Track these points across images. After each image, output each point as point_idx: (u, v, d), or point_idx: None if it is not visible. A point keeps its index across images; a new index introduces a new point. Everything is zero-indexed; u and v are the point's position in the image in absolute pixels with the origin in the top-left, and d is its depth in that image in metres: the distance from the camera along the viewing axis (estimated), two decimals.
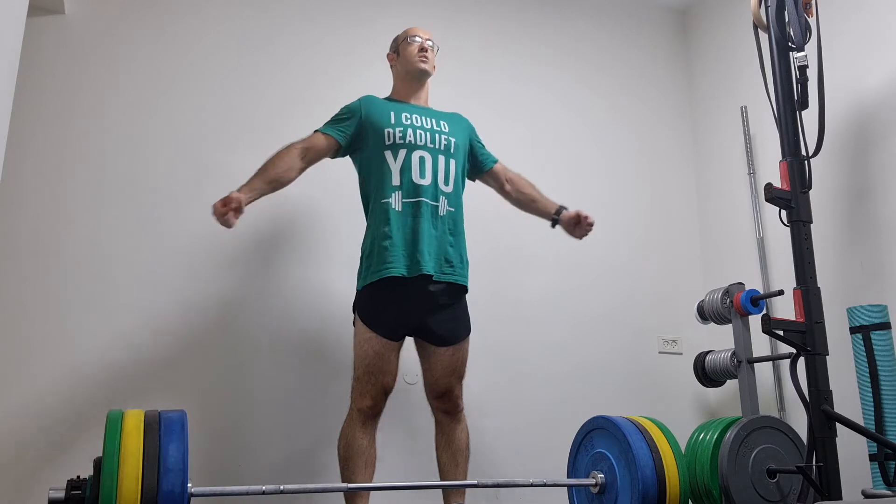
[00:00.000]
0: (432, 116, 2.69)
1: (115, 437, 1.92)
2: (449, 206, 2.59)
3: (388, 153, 2.57)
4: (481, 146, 2.86)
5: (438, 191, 2.57)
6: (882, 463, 2.54)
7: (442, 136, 2.64)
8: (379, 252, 2.47)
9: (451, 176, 2.62)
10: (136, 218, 2.89)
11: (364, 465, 2.42)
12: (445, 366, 2.54)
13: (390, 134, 2.57)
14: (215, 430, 2.78)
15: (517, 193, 2.88)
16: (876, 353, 2.65)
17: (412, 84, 2.72)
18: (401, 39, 2.76)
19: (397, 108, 2.65)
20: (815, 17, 2.72)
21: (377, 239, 2.50)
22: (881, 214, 2.94)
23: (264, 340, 2.94)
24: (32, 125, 2.81)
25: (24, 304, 2.69)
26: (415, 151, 2.57)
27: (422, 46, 2.70)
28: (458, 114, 2.83)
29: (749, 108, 3.55)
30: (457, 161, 2.66)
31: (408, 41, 2.72)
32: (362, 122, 2.61)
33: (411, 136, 2.58)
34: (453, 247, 2.56)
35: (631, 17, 4.01)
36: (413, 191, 2.53)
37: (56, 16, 2.94)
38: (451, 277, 2.53)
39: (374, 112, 2.62)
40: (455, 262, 2.55)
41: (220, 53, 3.17)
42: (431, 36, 2.76)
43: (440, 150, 2.61)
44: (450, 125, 2.70)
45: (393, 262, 2.45)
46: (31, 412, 2.61)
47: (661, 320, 3.61)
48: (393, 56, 2.79)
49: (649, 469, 2.39)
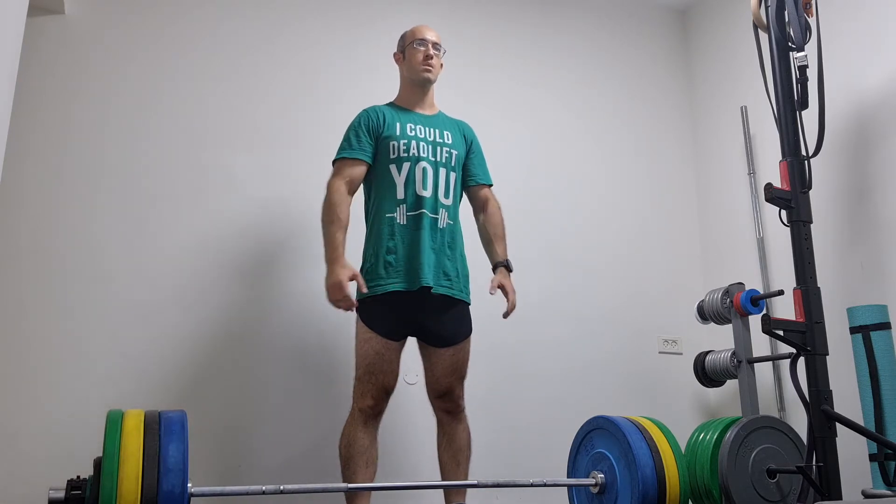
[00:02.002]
0: (437, 127, 2.67)
1: (115, 437, 1.92)
2: (448, 218, 2.59)
3: (392, 167, 2.57)
4: (479, 160, 2.78)
5: (439, 203, 2.57)
6: (882, 463, 2.54)
7: (444, 148, 2.63)
8: (385, 266, 2.49)
9: (451, 188, 2.62)
10: (136, 218, 2.89)
11: (365, 464, 2.42)
12: (446, 366, 2.54)
13: (395, 147, 2.57)
14: (215, 430, 2.78)
15: (483, 226, 2.75)
16: (876, 353, 2.65)
17: (416, 90, 2.71)
18: (407, 41, 2.72)
19: (403, 119, 2.63)
20: (815, 17, 2.72)
21: (382, 252, 2.50)
22: (881, 214, 2.94)
23: (265, 340, 2.94)
24: (32, 125, 2.81)
25: (24, 304, 2.69)
26: (418, 163, 2.57)
27: (427, 54, 2.66)
28: (463, 122, 2.80)
29: (749, 108, 3.55)
30: (457, 174, 2.67)
31: (414, 46, 2.68)
32: (374, 135, 2.60)
33: (415, 149, 2.57)
34: (451, 260, 2.56)
35: (631, 17, 4.01)
36: (415, 203, 2.53)
37: (56, 16, 2.94)
38: (448, 291, 2.53)
39: (381, 123, 2.61)
40: (452, 276, 2.55)
41: (220, 53, 3.17)
42: (439, 38, 2.73)
43: (441, 162, 2.61)
44: (453, 136, 2.69)
45: (395, 277, 2.48)
46: (31, 412, 2.61)
47: (661, 320, 3.62)
48: (399, 56, 2.75)
49: (649, 469, 2.39)
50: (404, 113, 2.67)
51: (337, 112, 2.85)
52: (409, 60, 2.69)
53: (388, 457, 2.74)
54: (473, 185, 2.75)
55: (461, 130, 2.76)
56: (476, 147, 2.79)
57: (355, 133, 2.61)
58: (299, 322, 2.99)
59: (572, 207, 3.62)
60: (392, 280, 2.48)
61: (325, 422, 2.77)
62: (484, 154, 2.83)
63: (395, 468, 2.89)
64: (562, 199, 3.61)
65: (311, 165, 3.09)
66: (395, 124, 2.61)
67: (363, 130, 2.60)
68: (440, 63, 2.73)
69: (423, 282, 2.46)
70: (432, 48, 2.68)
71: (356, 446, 2.42)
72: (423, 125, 2.65)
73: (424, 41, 2.68)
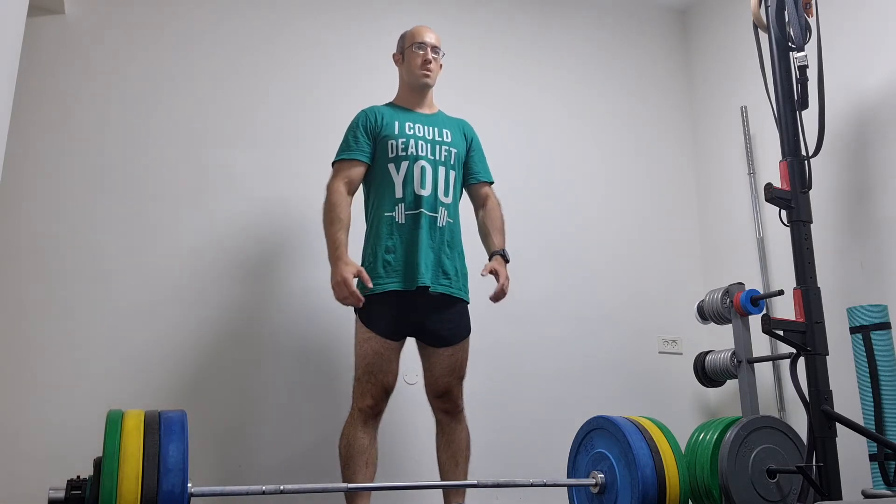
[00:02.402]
0: (436, 125, 2.67)
1: (115, 437, 1.92)
2: (448, 217, 2.59)
3: (391, 165, 2.57)
4: (479, 158, 2.79)
5: (438, 202, 2.57)
6: (882, 463, 2.54)
7: (443, 146, 2.64)
8: (384, 265, 2.49)
9: (450, 187, 2.62)
10: (136, 217, 2.89)
11: (365, 464, 2.42)
12: (445, 366, 2.54)
13: (393, 146, 2.58)
14: (215, 430, 2.78)
15: (482, 221, 2.75)
16: (876, 353, 2.64)
17: (415, 93, 2.71)
18: (407, 43, 2.71)
19: (401, 118, 2.64)
20: (815, 17, 2.72)
21: (381, 251, 2.51)
22: (881, 214, 2.94)
23: (265, 340, 2.94)
24: (32, 125, 2.81)
25: (24, 304, 2.69)
26: (417, 162, 2.57)
27: (426, 59, 2.65)
28: (463, 121, 2.80)
29: (749, 108, 3.55)
30: (456, 172, 2.67)
31: (413, 49, 2.67)
32: (372, 135, 2.60)
33: (413, 148, 2.58)
34: (450, 259, 2.56)
35: (631, 17, 4.01)
36: (414, 202, 2.54)
37: (56, 16, 2.94)
38: (447, 290, 2.54)
39: (379, 123, 2.61)
40: (451, 275, 2.55)
41: (221, 53, 3.17)
42: (438, 40, 2.71)
43: (441, 160, 2.61)
44: (452, 134, 2.69)
45: (394, 277, 2.48)
46: (31, 412, 2.61)
47: (661, 320, 3.62)
48: (398, 57, 2.75)
49: (649, 469, 2.39)
50: (403, 112, 2.67)
51: (337, 112, 2.85)
52: (408, 63, 2.69)
53: (388, 457, 2.74)
54: (474, 182, 2.76)
55: (461, 129, 2.76)
56: (476, 145, 2.79)
57: (353, 134, 2.61)
58: (299, 322, 2.99)
59: (572, 207, 3.62)
60: (391, 280, 2.48)
61: (326, 422, 2.77)
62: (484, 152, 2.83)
63: (395, 468, 2.89)
64: (561, 199, 3.61)
65: (312, 165, 3.09)
66: (394, 123, 2.61)
67: (361, 131, 2.61)
68: (439, 66, 2.73)
69: (421, 281, 2.46)
70: (431, 52, 2.67)
71: (356, 446, 2.42)
72: (423, 124, 2.65)
73: (423, 45, 2.66)
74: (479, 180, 2.76)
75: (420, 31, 2.71)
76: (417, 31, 2.71)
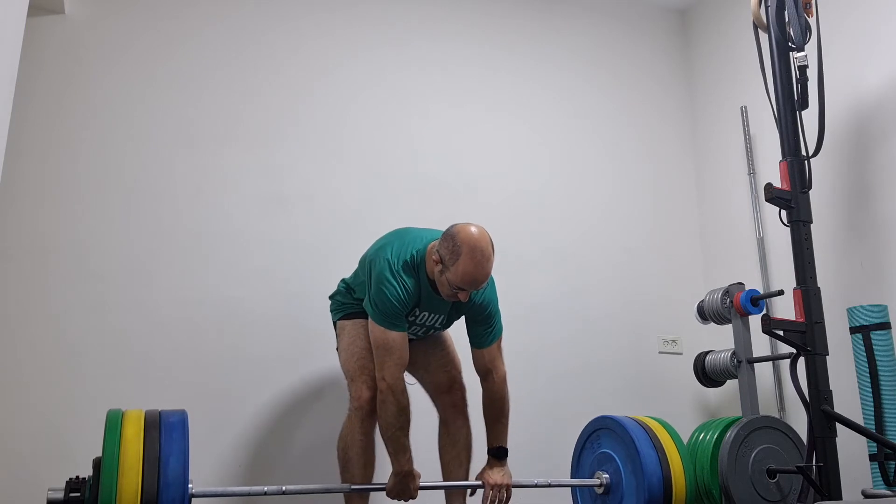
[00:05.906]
0: (444, 313, 2.50)
1: (115, 437, 1.92)
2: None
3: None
4: (485, 325, 2.48)
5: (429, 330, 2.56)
6: (882, 463, 2.54)
7: (434, 329, 2.55)
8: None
9: (442, 326, 2.56)
10: (135, 217, 2.89)
11: (364, 465, 2.42)
12: (438, 358, 2.58)
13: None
14: (216, 430, 2.78)
15: (485, 405, 2.51)
16: (876, 353, 2.64)
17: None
18: (454, 258, 2.27)
19: (420, 305, 2.43)
20: (814, 17, 2.72)
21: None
22: (881, 214, 2.94)
23: (265, 340, 2.94)
24: (32, 125, 2.80)
25: (23, 304, 2.69)
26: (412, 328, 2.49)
27: (458, 296, 2.33)
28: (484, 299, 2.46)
29: (749, 108, 3.55)
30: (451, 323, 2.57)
31: (458, 275, 2.26)
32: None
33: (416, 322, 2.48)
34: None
35: (631, 18, 4.00)
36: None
37: (56, 16, 2.94)
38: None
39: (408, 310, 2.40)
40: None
41: (220, 53, 3.16)
42: (486, 280, 2.34)
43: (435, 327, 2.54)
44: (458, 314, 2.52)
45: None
46: (31, 412, 2.61)
47: (661, 320, 3.61)
48: (437, 259, 2.32)
49: (656, 478, 2.39)
50: (427, 298, 2.42)
51: (337, 112, 2.85)
52: (442, 283, 2.33)
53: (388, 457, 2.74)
54: (474, 348, 2.51)
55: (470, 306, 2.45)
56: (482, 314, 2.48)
57: (400, 308, 2.34)
58: (300, 322, 2.99)
59: (572, 208, 3.61)
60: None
61: (326, 422, 2.77)
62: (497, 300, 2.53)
63: None
64: (562, 200, 3.61)
65: (312, 165, 3.09)
66: (415, 310, 2.45)
67: (404, 305, 2.36)
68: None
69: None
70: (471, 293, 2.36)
71: (355, 447, 2.42)
72: (434, 312, 2.49)
73: (466, 292, 2.32)
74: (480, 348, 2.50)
75: (475, 274, 2.27)
76: (474, 271, 2.27)
